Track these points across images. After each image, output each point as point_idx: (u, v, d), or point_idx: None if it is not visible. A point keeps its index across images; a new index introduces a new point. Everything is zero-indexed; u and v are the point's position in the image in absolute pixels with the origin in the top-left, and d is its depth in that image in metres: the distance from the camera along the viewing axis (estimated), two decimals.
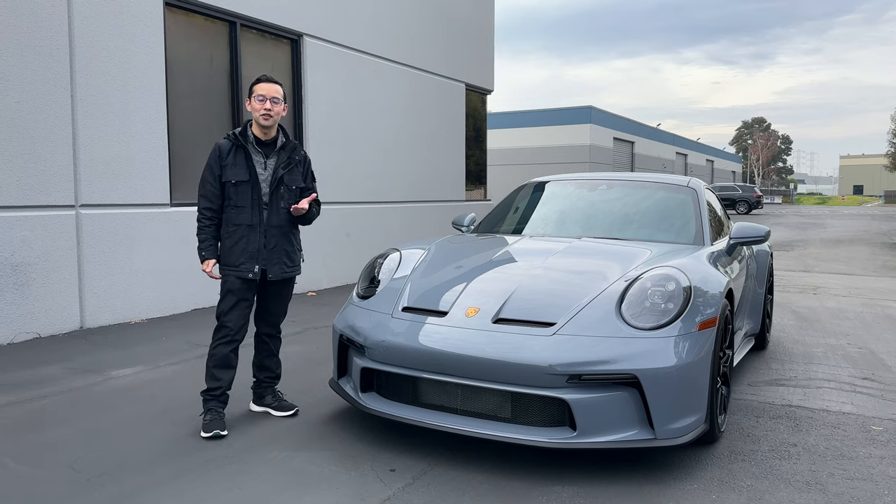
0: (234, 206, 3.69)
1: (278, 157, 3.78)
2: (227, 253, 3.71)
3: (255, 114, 3.67)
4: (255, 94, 3.66)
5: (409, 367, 3.35)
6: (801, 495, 2.97)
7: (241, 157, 3.71)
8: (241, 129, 3.77)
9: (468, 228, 5.17)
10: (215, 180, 3.68)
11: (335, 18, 9.03)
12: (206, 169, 3.72)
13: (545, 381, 3.05)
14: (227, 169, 3.68)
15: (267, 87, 3.67)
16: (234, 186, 3.68)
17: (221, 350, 3.67)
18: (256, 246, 3.71)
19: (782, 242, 17.58)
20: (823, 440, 3.63)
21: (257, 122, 3.70)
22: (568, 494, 2.93)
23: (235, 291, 3.69)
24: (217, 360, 3.67)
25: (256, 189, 3.71)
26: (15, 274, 5.58)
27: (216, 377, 3.66)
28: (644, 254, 3.87)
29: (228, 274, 3.70)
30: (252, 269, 3.69)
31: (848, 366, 5.19)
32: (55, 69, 5.84)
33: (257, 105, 3.66)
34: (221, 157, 3.69)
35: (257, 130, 3.74)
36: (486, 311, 3.35)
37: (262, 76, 3.75)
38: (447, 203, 11.82)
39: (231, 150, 3.70)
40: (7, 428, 3.68)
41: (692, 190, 4.84)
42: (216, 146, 3.73)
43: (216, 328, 3.71)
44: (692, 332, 3.19)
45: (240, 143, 3.71)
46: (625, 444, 3.05)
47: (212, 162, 3.70)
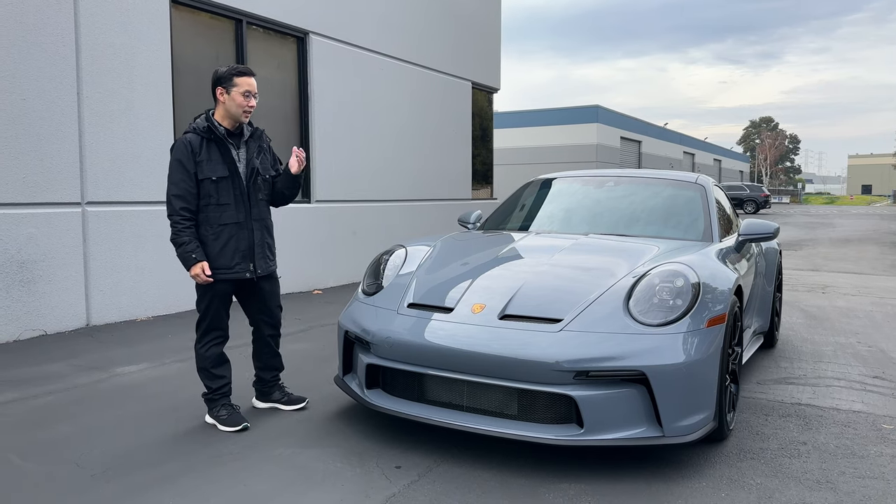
0: (215, 204, 3.50)
1: (248, 147, 3.64)
2: (216, 255, 3.52)
3: (237, 109, 3.51)
4: (241, 88, 3.50)
5: (414, 364, 3.33)
6: (812, 494, 2.93)
7: (216, 152, 3.51)
8: (206, 122, 3.52)
9: (474, 225, 5.14)
10: (190, 178, 3.45)
11: (341, 16, 9.02)
12: (176, 167, 3.45)
13: (552, 378, 3.02)
14: (202, 165, 3.47)
15: (252, 81, 3.55)
16: (214, 183, 3.49)
17: (215, 350, 3.62)
18: (247, 243, 3.60)
19: (791, 242, 17.48)
20: (834, 438, 3.59)
21: (236, 118, 3.54)
22: (575, 492, 2.90)
23: (222, 295, 3.58)
24: (213, 360, 3.61)
25: (238, 184, 3.56)
26: (21, 271, 5.59)
27: (217, 375, 3.63)
28: (652, 250, 3.83)
29: (219, 277, 3.52)
30: (248, 269, 3.60)
31: (858, 364, 5.14)
32: (61, 66, 5.84)
33: (242, 100, 3.51)
34: (194, 152, 3.46)
35: (226, 122, 3.55)
36: (493, 307, 3.32)
37: (244, 68, 3.59)
38: (453, 202, 11.79)
39: (201, 144, 3.49)
40: (12, 424, 3.67)
41: (701, 186, 4.80)
42: (182, 141, 3.48)
43: (204, 331, 3.60)
44: (701, 328, 3.15)
45: (212, 136, 3.51)
46: (632, 441, 3.02)
47: (182, 158, 3.45)
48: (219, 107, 3.56)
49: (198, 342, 3.64)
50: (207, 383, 3.64)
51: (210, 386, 3.63)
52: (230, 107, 3.53)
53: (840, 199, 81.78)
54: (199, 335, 3.64)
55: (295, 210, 8.03)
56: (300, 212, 8.26)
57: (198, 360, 3.65)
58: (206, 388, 3.66)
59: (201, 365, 3.63)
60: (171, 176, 3.48)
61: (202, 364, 3.63)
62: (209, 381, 3.63)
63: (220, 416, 3.59)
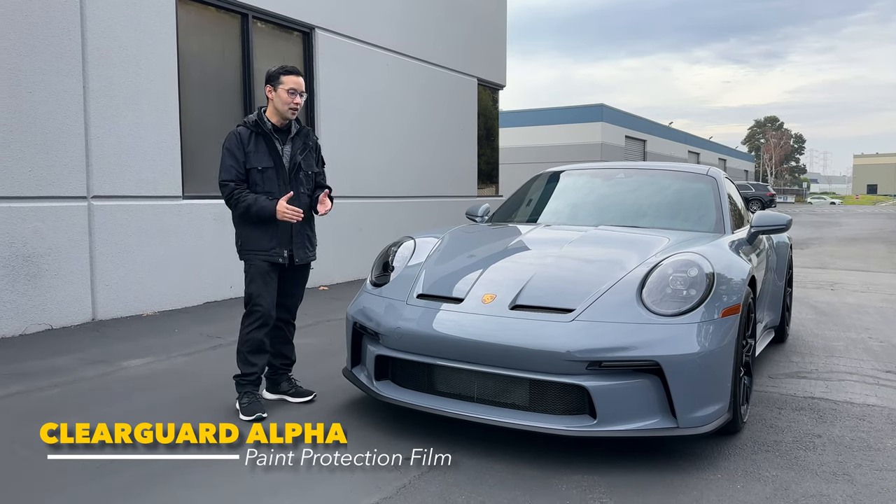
0: (262, 192, 3.66)
1: (293, 144, 3.80)
2: (257, 238, 3.67)
3: (283, 106, 3.67)
4: (286, 85, 3.66)
5: (423, 355, 3.29)
6: (829, 486, 2.88)
7: (263, 145, 3.69)
8: (257, 117, 3.73)
9: (482, 218, 5.09)
10: (240, 165, 3.64)
11: (347, 12, 8.99)
12: (228, 155, 3.66)
13: (564, 368, 2.98)
14: (250, 156, 3.66)
15: (297, 80, 3.71)
16: (260, 173, 3.66)
17: (256, 334, 3.67)
18: (287, 232, 3.72)
19: (798, 240, 17.37)
20: (849, 431, 3.54)
21: (283, 114, 3.71)
22: (588, 483, 2.86)
23: (264, 274, 3.69)
24: (252, 344, 3.67)
25: (282, 175, 3.72)
26: (27, 265, 5.56)
27: (251, 362, 3.68)
28: (663, 241, 3.78)
29: (256, 258, 3.68)
30: (282, 254, 3.72)
31: (870, 359, 5.08)
32: (67, 60, 5.82)
33: (287, 97, 3.66)
34: (243, 143, 3.66)
35: (275, 118, 3.73)
36: (503, 297, 3.28)
37: (291, 67, 3.75)
38: (459, 199, 11.74)
39: (250, 137, 3.68)
40: (18, 416, 3.65)
41: (712, 178, 4.75)
42: (234, 133, 3.69)
43: (247, 312, 3.70)
44: (715, 318, 3.10)
45: (259, 130, 3.69)
46: (646, 432, 2.97)
47: (233, 148, 3.65)
48: (269, 104, 3.74)
49: (242, 323, 3.73)
50: (241, 366, 3.70)
51: (241, 370, 3.69)
52: (277, 103, 3.68)
53: (845, 199, 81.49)
54: (244, 316, 3.73)
55: None
56: None
57: (239, 342, 3.72)
58: (239, 372, 3.70)
59: (240, 347, 3.71)
60: (223, 163, 3.67)
61: (241, 346, 3.70)
62: (242, 365, 3.69)
63: (241, 403, 3.64)
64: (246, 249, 3.71)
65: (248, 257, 3.71)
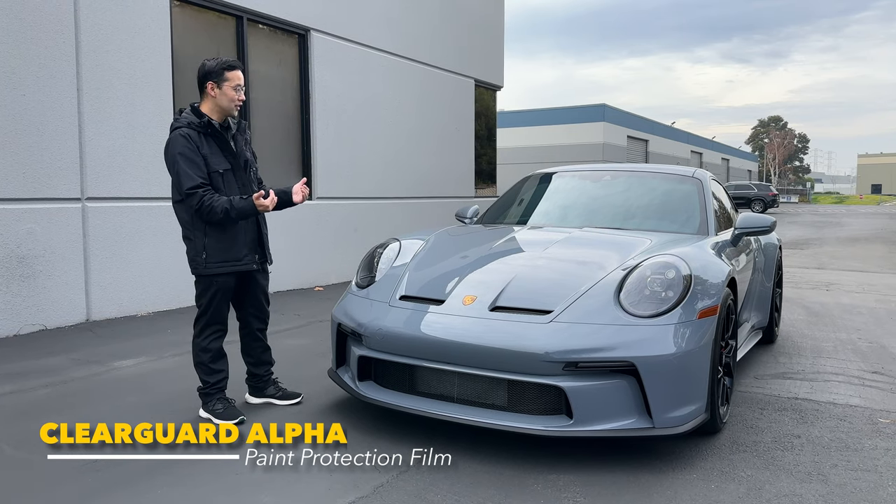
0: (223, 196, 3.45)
1: (237, 140, 3.61)
2: (225, 249, 3.49)
3: (229, 103, 3.48)
4: (232, 82, 3.47)
5: (406, 356, 3.33)
6: (803, 486, 2.91)
7: (215, 145, 3.48)
8: (197, 116, 3.47)
9: (471, 220, 5.13)
10: (202, 169, 3.40)
11: (343, 13, 9.03)
12: (185, 161, 3.37)
13: (541, 369, 3.01)
14: (207, 158, 3.44)
15: (241, 75, 3.53)
16: (220, 176, 3.46)
17: (216, 344, 3.60)
18: (253, 235, 3.62)
19: (797, 241, 17.38)
20: (828, 432, 3.57)
21: (227, 111, 3.51)
22: (564, 483, 2.90)
23: (225, 289, 3.57)
24: (213, 354, 3.59)
25: (240, 176, 3.56)
26: (21, 266, 5.62)
27: (216, 369, 3.60)
28: (644, 243, 3.81)
29: (223, 271, 3.50)
30: (255, 260, 3.63)
31: (857, 360, 5.10)
32: (61, 62, 5.87)
33: (233, 94, 3.47)
34: (197, 146, 3.41)
35: (215, 115, 3.51)
36: (484, 299, 3.32)
37: (234, 62, 3.56)
38: (456, 199, 11.77)
39: (200, 138, 3.44)
40: (7, 416, 3.70)
41: (697, 180, 4.78)
42: (182, 135, 3.40)
43: (205, 325, 3.57)
44: (692, 320, 3.14)
45: (209, 130, 3.47)
46: (622, 432, 3.01)
47: (187, 152, 3.38)
48: (207, 101, 3.51)
49: (197, 336, 3.61)
50: (204, 378, 3.60)
51: (207, 380, 3.60)
52: (221, 101, 3.49)
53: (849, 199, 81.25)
54: (199, 329, 3.61)
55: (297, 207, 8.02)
56: (302, 208, 8.25)
57: (196, 355, 3.62)
58: (203, 383, 3.62)
59: (199, 360, 3.60)
60: (181, 170, 3.38)
61: (201, 358, 3.59)
62: (207, 375, 3.59)
63: (215, 410, 3.56)
64: (213, 262, 3.48)
65: (214, 273, 3.49)
